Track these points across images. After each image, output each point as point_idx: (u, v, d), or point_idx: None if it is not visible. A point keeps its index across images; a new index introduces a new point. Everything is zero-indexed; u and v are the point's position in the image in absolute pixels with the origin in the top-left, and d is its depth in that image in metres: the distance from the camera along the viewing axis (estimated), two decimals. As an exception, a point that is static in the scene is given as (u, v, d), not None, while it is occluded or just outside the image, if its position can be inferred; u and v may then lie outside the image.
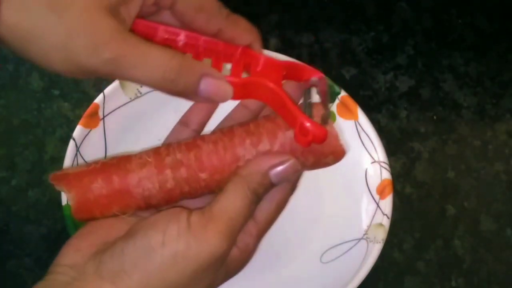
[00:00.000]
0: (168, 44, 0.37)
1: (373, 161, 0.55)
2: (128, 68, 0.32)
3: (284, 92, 0.36)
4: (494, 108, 0.65)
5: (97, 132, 0.56)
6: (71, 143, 0.54)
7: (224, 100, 0.36)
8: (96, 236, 0.36)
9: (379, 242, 0.52)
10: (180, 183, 0.37)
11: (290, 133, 0.37)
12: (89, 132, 0.55)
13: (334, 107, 0.59)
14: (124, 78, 0.33)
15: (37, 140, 0.59)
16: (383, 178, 0.55)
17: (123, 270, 0.32)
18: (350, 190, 0.56)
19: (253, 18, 0.67)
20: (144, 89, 0.58)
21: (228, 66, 0.38)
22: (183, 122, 0.42)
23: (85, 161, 0.55)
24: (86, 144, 0.55)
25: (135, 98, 0.58)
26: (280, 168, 0.36)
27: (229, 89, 0.36)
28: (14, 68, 0.63)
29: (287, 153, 0.36)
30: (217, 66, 0.38)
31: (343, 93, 0.58)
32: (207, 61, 0.37)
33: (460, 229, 0.59)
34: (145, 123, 0.57)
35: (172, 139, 0.42)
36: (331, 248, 0.55)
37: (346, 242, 0.55)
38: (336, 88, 0.58)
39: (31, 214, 0.56)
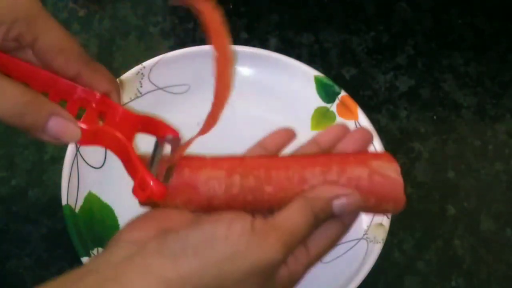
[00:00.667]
0: (26, 82, 0.38)
1: (373, 161, 0.56)
2: None
3: (131, 145, 0.38)
4: (494, 108, 0.65)
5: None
6: (71, 143, 0.54)
7: (71, 141, 0.37)
8: (159, 221, 0.37)
9: (379, 242, 0.52)
10: (245, 191, 0.38)
11: (359, 171, 0.39)
12: (89, 132, 0.55)
13: (334, 107, 0.59)
14: None
15: (37, 140, 0.59)
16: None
17: (185, 253, 0.33)
18: (350, 190, 0.56)
19: (253, 18, 0.68)
20: (144, 89, 0.58)
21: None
22: (260, 144, 0.44)
23: (85, 161, 0.55)
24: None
25: (135, 98, 0.58)
26: (344, 199, 0.37)
27: (76, 132, 0.37)
28: (14, 68, 0.63)
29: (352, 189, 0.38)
30: (72, 110, 0.39)
31: (343, 93, 0.58)
32: (62, 104, 0.38)
33: (460, 229, 0.59)
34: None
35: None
36: (331, 248, 0.55)
37: (346, 242, 0.55)
38: (336, 88, 0.58)
39: (31, 214, 0.56)
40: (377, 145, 0.56)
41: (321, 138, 0.44)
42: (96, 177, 0.55)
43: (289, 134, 0.45)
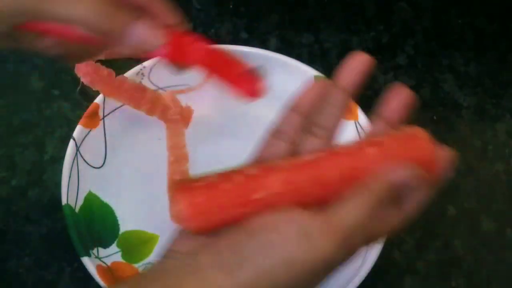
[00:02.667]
0: None
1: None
2: (55, 3, 0.32)
3: (222, 50, 0.37)
4: (494, 108, 0.65)
5: (97, 132, 0.56)
6: (71, 143, 0.54)
7: (152, 48, 0.36)
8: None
9: (379, 242, 0.52)
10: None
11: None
12: (89, 132, 0.55)
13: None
14: (50, 13, 0.32)
15: (37, 140, 0.59)
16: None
17: (239, 263, 0.33)
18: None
19: (253, 18, 0.68)
20: (144, 89, 0.58)
21: None
22: (293, 108, 0.41)
23: (86, 161, 0.55)
24: (86, 144, 0.55)
25: (135, 98, 0.58)
26: (406, 179, 0.35)
27: (159, 38, 0.36)
28: (14, 68, 0.63)
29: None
30: None
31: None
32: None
33: (460, 229, 0.59)
34: (145, 123, 0.57)
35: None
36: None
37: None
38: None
39: (31, 214, 0.56)
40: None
41: (300, 105, 0.41)
42: (96, 177, 0.55)
43: (317, 92, 0.41)
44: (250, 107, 0.60)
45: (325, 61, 0.66)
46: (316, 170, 0.36)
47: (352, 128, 0.57)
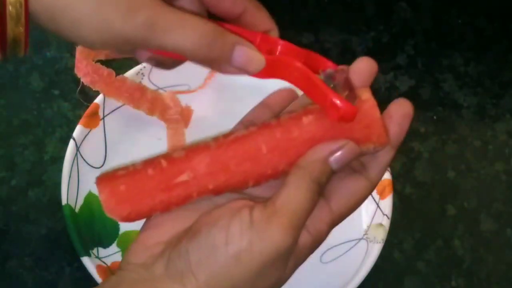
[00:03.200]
0: None
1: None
2: (163, 32, 0.32)
3: (311, 72, 0.36)
4: (494, 108, 0.65)
5: (97, 132, 0.56)
6: (71, 143, 0.54)
7: (255, 70, 0.36)
8: (160, 235, 0.36)
9: (379, 242, 0.52)
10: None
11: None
12: (89, 132, 0.55)
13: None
14: (158, 43, 0.33)
15: (37, 140, 0.59)
16: (383, 178, 0.55)
17: (189, 270, 0.33)
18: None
19: (253, 18, 0.68)
20: (144, 89, 0.58)
21: None
22: (264, 104, 0.43)
23: (86, 161, 0.55)
24: (86, 144, 0.55)
25: (135, 98, 0.58)
26: (339, 153, 0.34)
27: (262, 60, 0.36)
28: (14, 68, 0.63)
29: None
30: None
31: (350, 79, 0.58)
32: None
33: (460, 229, 0.59)
34: (145, 123, 0.57)
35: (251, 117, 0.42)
36: (331, 248, 0.55)
37: (346, 242, 0.55)
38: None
39: (31, 214, 0.56)
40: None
41: (271, 100, 0.42)
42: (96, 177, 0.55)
43: (291, 95, 0.43)
44: (249, 107, 0.60)
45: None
46: (244, 145, 0.35)
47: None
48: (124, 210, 0.35)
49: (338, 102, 0.34)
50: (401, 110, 0.37)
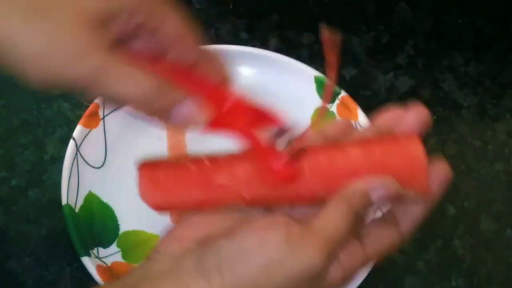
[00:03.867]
0: None
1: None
2: (108, 81, 0.32)
3: (253, 132, 0.37)
4: (494, 108, 0.65)
5: (97, 132, 0.56)
6: (71, 143, 0.54)
7: (196, 127, 0.36)
8: (197, 230, 0.36)
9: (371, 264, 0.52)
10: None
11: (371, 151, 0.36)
12: (89, 132, 0.55)
13: (334, 107, 0.59)
14: (101, 92, 0.33)
15: (37, 140, 0.59)
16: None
17: (218, 269, 0.33)
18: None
19: (253, 18, 0.68)
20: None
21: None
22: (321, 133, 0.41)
23: (85, 161, 0.55)
24: (86, 144, 0.55)
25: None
26: (381, 188, 0.35)
27: (202, 118, 0.36)
28: (14, 68, 0.63)
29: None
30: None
31: (343, 93, 0.58)
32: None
33: (460, 229, 0.59)
34: (145, 123, 0.57)
35: None
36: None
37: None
38: (336, 88, 0.58)
39: (31, 214, 0.56)
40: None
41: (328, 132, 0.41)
42: (96, 177, 0.55)
43: (348, 127, 0.41)
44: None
45: (325, 61, 0.65)
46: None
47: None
48: (157, 197, 0.36)
49: (280, 162, 0.35)
50: (443, 172, 0.38)
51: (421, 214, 0.37)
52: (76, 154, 0.54)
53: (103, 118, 0.56)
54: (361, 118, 0.57)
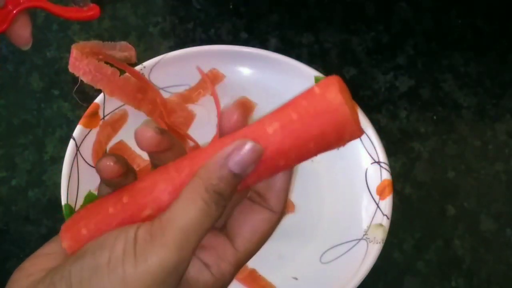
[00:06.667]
0: None
1: (373, 161, 0.55)
2: None
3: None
4: (494, 108, 0.65)
5: (97, 132, 0.56)
6: (71, 143, 0.54)
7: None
8: (48, 260, 0.34)
9: (379, 243, 0.52)
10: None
11: (284, 117, 0.32)
12: (89, 132, 0.55)
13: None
14: None
15: (37, 140, 0.59)
16: (383, 178, 0.55)
17: None
18: (350, 190, 0.56)
19: (253, 18, 0.68)
20: (144, 89, 0.58)
21: None
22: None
23: (85, 161, 0.55)
24: (86, 144, 0.55)
25: (135, 98, 0.58)
26: (237, 154, 0.31)
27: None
28: (14, 68, 0.63)
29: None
30: None
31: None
32: None
33: (460, 229, 0.59)
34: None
35: None
36: (331, 248, 0.55)
37: (346, 242, 0.55)
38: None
39: (31, 214, 0.56)
40: (378, 150, 0.56)
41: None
42: (96, 177, 0.55)
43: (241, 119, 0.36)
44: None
45: (325, 61, 0.66)
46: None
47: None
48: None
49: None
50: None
51: (286, 182, 0.34)
52: (76, 154, 0.54)
53: (103, 118, 0.56)
54: (361, 118, 0.57)
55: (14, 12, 0.41)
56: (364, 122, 0.56)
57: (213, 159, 0.32)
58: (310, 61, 0.61)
